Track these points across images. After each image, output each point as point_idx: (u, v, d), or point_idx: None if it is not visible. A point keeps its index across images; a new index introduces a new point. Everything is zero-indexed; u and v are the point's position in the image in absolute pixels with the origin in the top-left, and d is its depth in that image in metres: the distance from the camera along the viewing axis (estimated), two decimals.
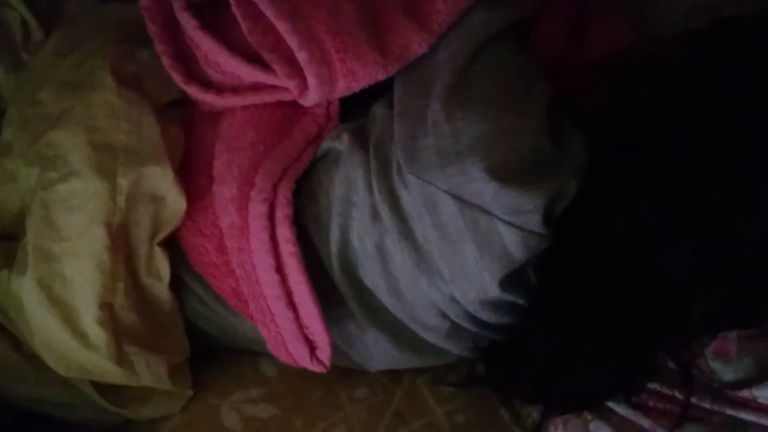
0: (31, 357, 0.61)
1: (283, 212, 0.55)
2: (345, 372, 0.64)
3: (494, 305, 0.57)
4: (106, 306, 0.58)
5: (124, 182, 0.59)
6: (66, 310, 0.58)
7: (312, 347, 0.58)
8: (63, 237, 0.58)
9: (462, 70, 0.55)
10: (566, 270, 0.56)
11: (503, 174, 0.52)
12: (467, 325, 0.59)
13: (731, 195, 0.50)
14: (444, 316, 0.58)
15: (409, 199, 0.55)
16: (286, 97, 0.59)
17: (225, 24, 0.60)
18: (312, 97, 0.57)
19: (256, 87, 0.60)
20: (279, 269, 0.55)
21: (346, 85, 0.56)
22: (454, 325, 0.59)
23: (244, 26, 0.57)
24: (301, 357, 0.58)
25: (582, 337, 0.56)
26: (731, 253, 0.51)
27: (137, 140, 0.60)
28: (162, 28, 0.62)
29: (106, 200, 0.58)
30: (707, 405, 0.53)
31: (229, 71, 0.60)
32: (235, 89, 0.61)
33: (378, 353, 0.61)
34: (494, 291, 0.55)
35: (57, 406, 0.64)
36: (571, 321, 0.56)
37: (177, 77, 0.62)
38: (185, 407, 0.64)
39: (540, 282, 0.57)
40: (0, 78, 0.69)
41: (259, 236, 0.55)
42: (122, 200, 0.59)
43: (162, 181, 0.60)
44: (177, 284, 0.63)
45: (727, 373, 0.52)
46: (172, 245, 0.62)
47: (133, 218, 0.60)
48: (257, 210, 0.55)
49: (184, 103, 0.65)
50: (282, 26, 0.54)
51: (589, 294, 0.55)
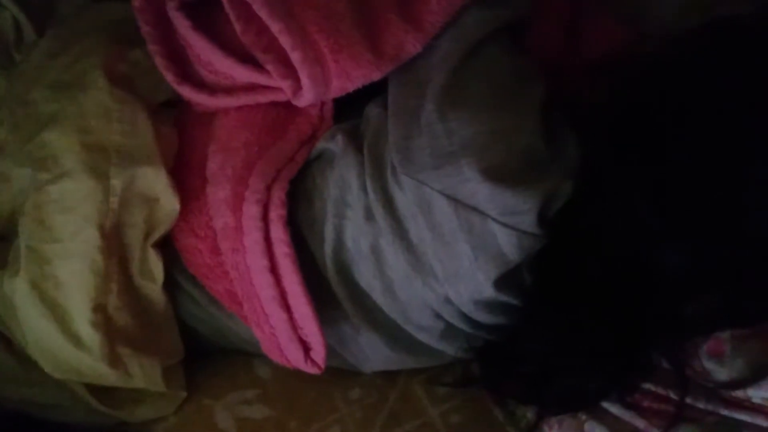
0: (24, 359, 0.61)
1: (277, 213, 0.55)
2: (339, 373, 0.64)
3: (489, 306, 0.57)
4: (100, 307, 0.58)
5: (117, 183, 0.58)
6: (59, 312, 0.58)
7: (306, 348, 0.58)
8: (56, 238, 0.58)
9: (456, 71, 0.55)
10: (561, 270, 0.56)
11: (497, 174, 0.52)
12: (462, 326, 0.59)
13: (729, 195, 0.50)
14: (438, 317, 0.58)
15: (404, 200, 0.54)
16: (280, 98, 0.59)
17: (218, 24, 0.60)
18: (306, 98, 0.57)
19: (250, 87, 0.60)
20: (273, 270, 0.55)
21: (340, 86, 0.56)
22: (449, 326, 0.59)
23: (238, 26, 0.57)
24: (296, 358, 0.58)
25: (576, 338, 0.56)
26: (729, 253, 0.51)
27: (130, 141, 0.59)
28: (155, 28, 0.62)
29: (99, 201, 0.58)
30: (702, 405, 0.53)
31: (223, 71, 0.60)
32: (229, 90, 0.61)
33: (372, 354, 0.61)
34: (489, 291, 0.55)
35: (50, 408, 0.63)
36: (566, 321, 0.56)
37: (170, 77, 0.61)
38: (179, 409, 0.64)
39: (535, 282, 0.57)
40: None
41: (253, 237, 0.55)
42: (115, 201, 0.58)
43: (155, 182, 0.60)
44: (171, 285, 0.63)
45: (722, 374, 0.52)
46: (166, 246, 0.62)
47: (127, 219, 0.59)
48: (251, 211, 0.55)
49: (177, 104, 0.65)
50: (275, 26, 0.54)
51: (584, 294, 0.55)
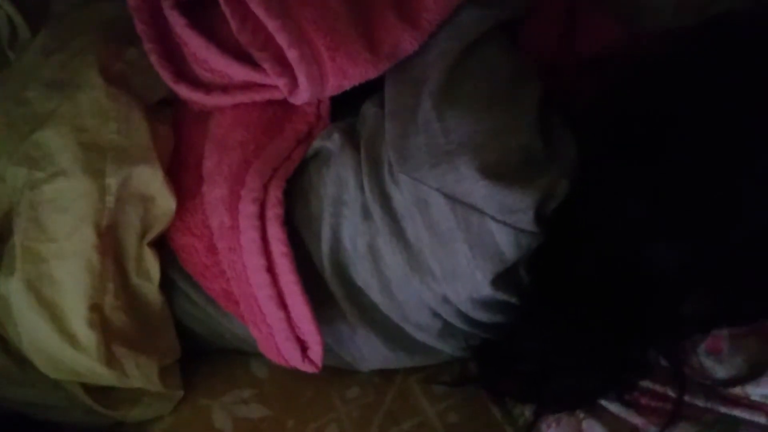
0: (20, 359, 0.61)
1: (274, 212, 0.55)
2: (337, 372, 0.64)
3: (486, 304, 0.56)
4: (96, 307, 0.58)
5: (113, 182, 0.58)
6: (55, 312, 0.57)
7: (303, 347, 0.57)
8: (51, 238, 0.57)
9: (453, 69, 0.55)
10: (558, 268, 0.56)
11: (495, 173, 0.52)
12: (459, 325, 0.59)
13: (727, 194, 0.50)
14: (436, 316, 0.58)
15: (401, 199, 0.54)
16: (276, 96, 0.59)
17: (214, 22, 0.60)
18: (302, 96, 0.57)
19: (246, 86, 0.60)
20: (270, 269, 0.55)
21: (337, 84, 0.56)
22: (447, 325, 0.59)
23: (233, 24, 0.57)
24: (293, 357, 0.58)
25: (574, 336, 0.56)
26: (723, 252, 0.51)
27: (126, 140, 0.59)
28: (150, 27, 0.61)
29: (95, 200, 0.58)
30: (700, 403, 0.53)
31: (219, 70, 0.60)
32: (225, 88, 0.60)
33: (370, 353, 0.61)
34: (486, 290, 0.54)
35: (46, 409, 0.63)
36: (563, 320, 0.56)
37: (166, 76, 0.61)
38: (176, 408, 0.64)
39: (532, 281, 0.57)
40: None
41: (250, 236, 0.55)
42: (111, 200, 0.58)
43: (151, 181, 0.59)
44: (167, 285, 0.62)
45: (720, 371, 0.52)
46: (162, 246, 0.62)
47: (122, 218, 0.59)
48: (248, 209, 0.55)
49: (173, 102, 0.64)
50: (272, 24, 0.54)
51: (581, 292, 0.55)
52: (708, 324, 0.54)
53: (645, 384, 0.56)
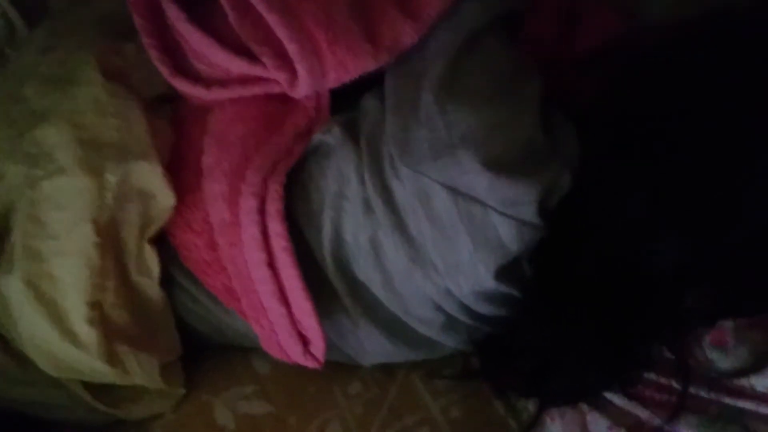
0: (20, 357, 0.60)
1: (274, 207, 0.55)
2: (339, 367, 0.64)
3: (489, 297, 0.56)
4: (96, 305, 0.58)
5: (112, 178, 0.58)
6: (55, 310, 0.57)
7: (305, 343, 0.57)
8: (50, 235, 0.57)
9: (454, 62, 0.55)
10: (560, 262, 0.56)
11: (497, 165, 0.52)
12: (462, 318, 0.58)
13: (723, 192, 0.50)
14: (439, 309, 0.58)
15: (403, 192, 0.54)
16: (276, 90, 0.59)
17: (213, 16, 0.59)
18: (302, 90, 0.57)
19: (245, 80, 0.59)
20: (271, 264, 0.55)
21: (337, 77, 0.56)
22: (449, 318, 0.59)
23: (233, 18, 0.56)
24: (295, 353, 0.58)
25: (576, 330, 0.56)
26: (723, 250, 0.51)
27: (125, 136, 0.59)
28: (148, 21, 0.61)
29: (94, 197, 0.57)
30: (704, 394, 0.53)
31: (218, 64, 0.60)
32: (224, 82, 0.60)
33: (372, 347, 0.61)
34: (489, 283, 0.54)
35: (47, 407, 0.63)
36: (566, 313, 0.56)
37: (164, 71, 0.61)
38: (178, 406, 0.64)
39: (535, 274, 0.57)
40: None
41: (250, 231, 0.55)
42: (110, 197, 0.58)
43: (151, 177, 0.59)
44: (167, 281, 0.62)
45: (724, 363, 0.52)
46: (162, 242, 0.62)
47: (122, 215, 0.59)
48: (248, 205, 0.55)
49: (172, 98, 0.64)
50: (271, 18, 0.54)
51: (584, 286, 0.55)
52: (711, 317, 0.54)
53: (649, 376, 0.56)
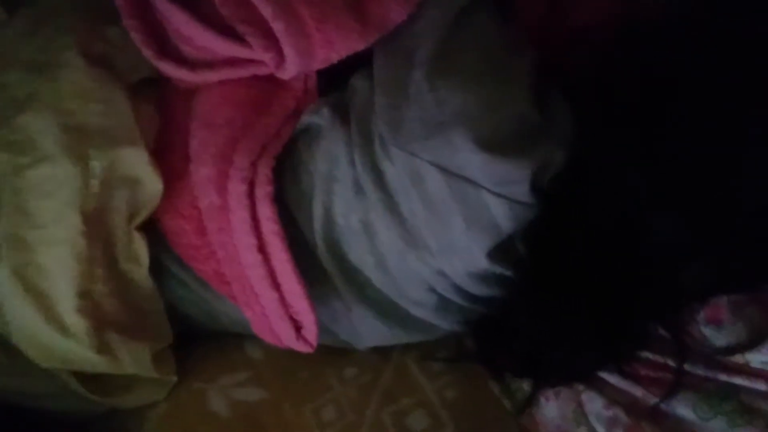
0: (9, 348, 0.60)
1: (264, 190, 0.54)
2: (333, 352, 0.64)
3: (483, 278, 0.56)
4: (85, 294, 0.57)
5: (98, 165, 0.57)
6: (43, 300, 0.56)
7: (298, 327, 0.57)
8: (36, 224, 0.56)
9: (444, 39, 0.54)
10: (554, 240, 0.55)
11: (490, 144, 0.51)
12: (456, 299, 0.58)
13: (721, 162, 0.50)
14: (432, 291, 0.58)
15: (394, 173, 0.54)
16: (263, 71, 0.58)
17: None
18: (289, 70, 0.56)
19: (231, 61, 0.58)
20: (261, 248, 0.54)
21: (325, 56, 0.55)
22: (443, 299, 0.58)
23: None
24: (287, 337, 0.57)
25: (571, 309, 0.55)
26: (720, 220, 0.51)
27: (109, 121, 0.58)
28: (130, 3, 0.59)
29: (80, 185, 0.57)
30: (700, 372, 0.53)
31: (203, 45, 0.58)
32: (210, 64, 0.59)
33: (365, 330, 0.61)
34: (482, 263, 0.54)
35: (38, 398, 0.62)
36: (561, 292, 0.55)
37: (148, 54, 0.60)
38: (171, 394, 0.63)
39: (528, 253, 0.56)
40: None
41: (240, 215, 0.54)
42: (96, 184, 0.57)
43: (137, 163, 0.58)
44: (157, 268, 0.61)
45: (720, 339, 0.52)
46: (151, 228, 0.61)
47: (109, 202, 0.58)
48: (237, 189, 0.54)
49: (157, 81, 0.63)
50: None
51: (578, 265, 0.55)
52: (707, 293, 0.54)
53: (644, 355, 0.56)
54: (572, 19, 0.61)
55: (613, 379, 0.56)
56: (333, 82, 0.60)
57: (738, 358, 0.51)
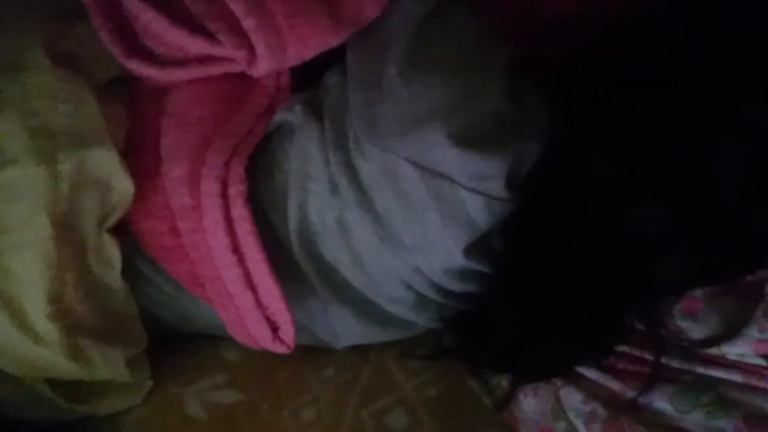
0: None
1: (237, 189, 0.54)
2: (311, 352, 0.63)
3: (459, 274, 0.56)
4: (56, 299, 0.56)
5: (66, 167, 0.56)
6: (12, 307, 0.55)
7: (274, 328, 0.56)
8: (3, 229, 0.55)
9: (417, 34, 0.54)
10: (531, 235, 0.56)
11: (465, 139, 0.51)
12: (433, 296, 0.58)
13: (698, 156, 0.50)
14: (409, 288, 0.58)
15: (368, 170, 0.53)
16: (234, 69, 0.57)
17: None
18: (261, 68, 0.55)
19: (202, 59, 0.58)
20: (235, 249, 0.54)
21: (297, 53, 0.55)
22: (420, 296, 0.58)
23: None
24: (264, 338, 0.57)
25: (549, 303, 0.55)
26: (697, 213, 0.51)
27: (77, 122, 0.57)
28: (98, 1, 0.59)
29: (48, 187, 0.55)
30: (677, 365, 0.53)
31: (172, 43, 0.58)
32: (180, 62, 0.58)
33: (342, 329, 0.60)
34: (459, 259, 0.54)
35: (9, 406, 0.61)
36: (537, 287, 0.55)
37: (117, 52, 0.59)
38: (146, 398, 0.63)
39: (505, 249, 0.56)
40: None
41: (213, 215, 0.54)
42: (65, 186, 0.56)
43: (107, 164, 0.57)
44: (130, 271, 0.60)
45: (696, 332, 0.53)
46: (123, 231, 0.60)
47: (79, 205, 0.57)
48: (209, 188, 0.54)
49: (127, 80, 0.62)
50: None
51: (554, 259, 0.55)
52: (683, 285, 0.54)
53: (621, 349, 0.56)
54: (547, 13, 0.61)
55: (591, 374, 0.56)
56: (306, 79, 0.59)
57: (714, 351, 0.51)
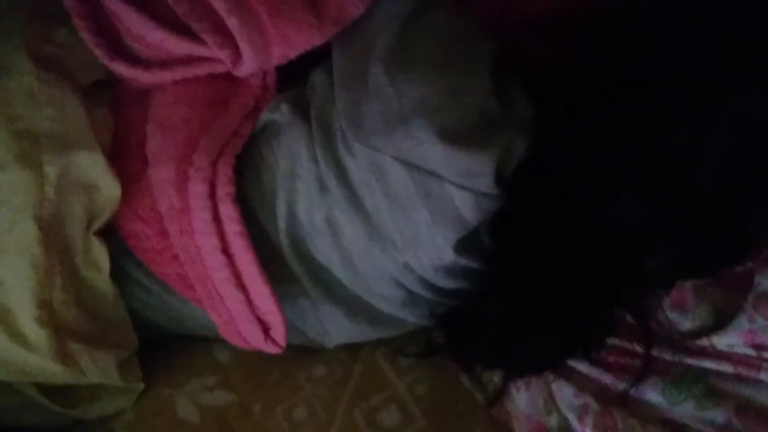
0: None
1: (225, 190, 0.54)
2: (302, 351, 0.63)
3: (449, 271, 0.56)
4: (44, 303, 0.56)
5: (52, 171, 0.55)
6: (1, 312, 0.55)
7: (265, 328, 0.56)
8: None
9: (402, 31, 0.54)
10: (519, 230, 0.56)
11: (452, 136, 0.51)
12: (423, 293, 0.58)
13: (682, 149, 0.50)
14: (399, 285, 0.58)
15: (356, 168, 0.53)
16: (219, 69, 0.57)
17: None
18: (246, 67, 0.55)
19: (187, 60, 0.58)
20: (225, 250, 0.54)
21: (282, 52, 0.54)
22: (410, 294, 0.58)
23: None
24: (255, 339, 0.57)
25: (538, 297, 0.55)
26: (682, 206, 0.51)
27: (62, 126, 0.57)
28: (80, 3, 0.58)
29: (34, 192, 0.55)
30: (667, 356, 0.53)
31: (156, 44, 0.57)
32: (164, 63, 0.58)
33: (334, 328, 0.60)
34: (449, 256, 0.54)
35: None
36: (527, 282, 0.56)
37: (100, 54, 0.58)
38: (138, 401, 0.63)
39: (494, 244, 0.56)
40: None
41: (202, 217, 0.53)
42: (51, 191, 0.56)
43: (92, 167, 0.57)
44: (118, 274, 0.60)
45: (685, 323, 0.53)
46: (110, 234, 0.60)
47: (65, 209, 0.57)
48: (197, 190, 0.53)
49: (111, 83, 0.62)
50: None
51: (543, 253, 0.55)
52: (671, 277, 0.54)
53: (612, 341, 0.56)
54: (531, 9, 0.62)
55: (583, 367, 0.56)
56: (292, 78, 0.59)
57: (704, 342, 0.52)
